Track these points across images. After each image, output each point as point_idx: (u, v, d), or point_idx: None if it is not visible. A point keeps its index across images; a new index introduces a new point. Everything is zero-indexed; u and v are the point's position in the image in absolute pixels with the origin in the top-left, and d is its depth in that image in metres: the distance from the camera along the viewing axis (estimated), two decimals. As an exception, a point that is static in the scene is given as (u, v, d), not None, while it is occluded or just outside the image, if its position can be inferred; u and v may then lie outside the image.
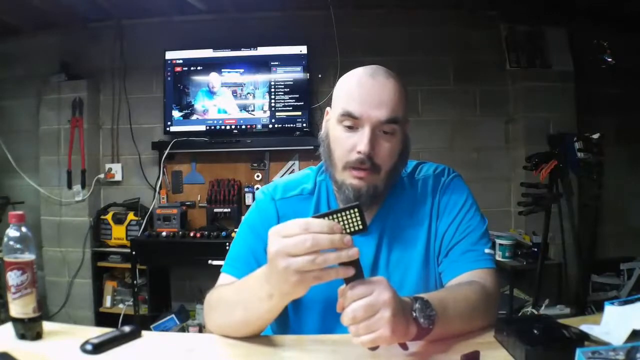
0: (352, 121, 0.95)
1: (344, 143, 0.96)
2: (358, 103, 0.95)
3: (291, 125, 3.18)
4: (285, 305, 0.84)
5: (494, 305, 0.96)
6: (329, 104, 1.06)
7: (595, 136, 2.59)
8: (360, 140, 0.94)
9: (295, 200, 1.08)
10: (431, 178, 1.08)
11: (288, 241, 0.70)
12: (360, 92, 0.96)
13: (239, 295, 0.89)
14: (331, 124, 1.01)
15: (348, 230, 0.72)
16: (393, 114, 0.95)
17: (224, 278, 1.03)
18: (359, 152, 0.94)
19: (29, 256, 0.89)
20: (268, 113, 3.19)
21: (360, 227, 0.72)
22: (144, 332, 0.95)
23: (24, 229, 0.90)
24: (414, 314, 0.76)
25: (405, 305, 0.76)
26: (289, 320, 1.05)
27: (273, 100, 3.18)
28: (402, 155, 1.01)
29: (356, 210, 0.72)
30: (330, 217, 0.72)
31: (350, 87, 0.98)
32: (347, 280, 0.73)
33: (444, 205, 1.05)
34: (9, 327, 0.91)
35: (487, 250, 1.01)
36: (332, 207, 1.07)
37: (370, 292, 0.71)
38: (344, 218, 0.72)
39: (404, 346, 0.79)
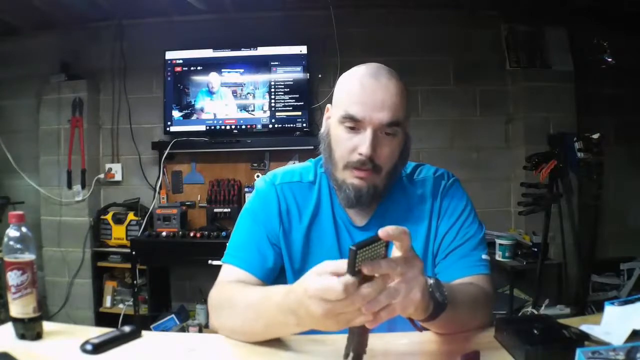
0: (354, 123, 0.95)
1: (346, 144, 0.97)
2: (360, 105, 0.94)
3: (291, 125, 3.18)
4: None
5: (491, 308, 0.97)
6: (328, 103, 1.06)
7: (595, 136, 2.59)
8: (362, 142, 0.94)
9: (296, 186, 1.09)
10: (431, 180, 1.09)
11: (336, 305, 0.66)
12: (362, 94, 0.95)
13: (256, 312, 0.86)
14: (332, 124, 1.01)
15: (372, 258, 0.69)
16: (395, 117, 0.95)
17: (227, 270, 1.03)
18: (360, 154, 0.94)
19: (29, 256, 0.89)
20: (268, 113, 3.18)
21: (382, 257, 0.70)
22: (144, 332, 0.95)
23: (24, 229, 0.90)
24: (430, 289, 0.77)
25: None
26: None
27: (273, 100, 3.18)
28: (402, 155, 1.02)
29: (384, 243, 0.69)
30: (366, 248, 0.67)
31: (352, 88, 0.98)
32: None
33: (445, 208, 1.06)
34: (9, 327, 0.91)
35: (484, 257, 1.02)
36: (334, 204, 1.07)
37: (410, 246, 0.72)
38: (374, 248, 0.69)
39: (415, 324, 0.79)
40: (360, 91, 0.96)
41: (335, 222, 1.06)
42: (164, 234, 2.99)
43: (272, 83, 3.18)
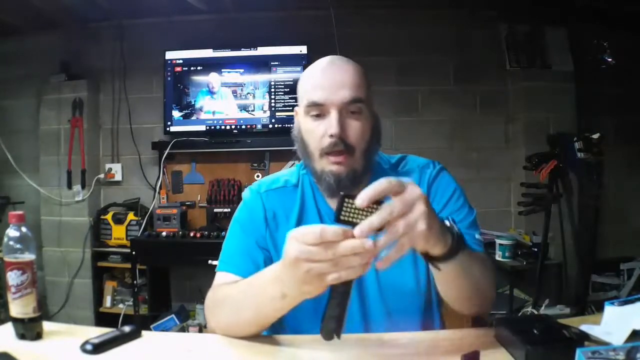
0: (318, 109, 0.99)
1: (315, 131, 1.00)
2: (320, 90, 0.98)
3: (291, 125, 3.15)
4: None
5: (495, 278, 0.96)
6: (296, 106, 1.09)
7: (595, 136, 2.59)
8: (330, 125, 0.97)
9: (280, 192, 1.12)
10: (416, 171, 1.10)
11: (310, 248, 0.70)
12: (321, 79, 0.99)
13: (247, 296, 0.89)
14: (301, 120, 1.05)
15: (361, 220, 0.69)
16: (356, 94, 0.98)
17: (220, 277, 1.04)
18: (330, 136, 0.97)
19: (29, 256, 0.89)
20: (268, 113, 3.18)
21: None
22: (144, 332, 0.95)
23: (24, 229, 0.90)
24: (447, 222, 0.78)
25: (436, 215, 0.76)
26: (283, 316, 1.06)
27: (273, 100, 3.18)
28: (373, 134, 1.03)
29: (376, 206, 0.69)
30: (352, 200, 0.68)
31: (310, 77, 1.02)
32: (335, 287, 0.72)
33: (433, 195, 1.07)
34: (9, 327, 0.91)
35: (477, 236, 1.02)
36: (317, 199, 1.09)
37: (403, 190, 0.70)
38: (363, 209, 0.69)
39: (433, 264, 0.79)
40: (319, 77, 1.00)
41: (321, 218, 1.08)
42: (164, 234, 2.99)
43: (272, 83, 3.18)
